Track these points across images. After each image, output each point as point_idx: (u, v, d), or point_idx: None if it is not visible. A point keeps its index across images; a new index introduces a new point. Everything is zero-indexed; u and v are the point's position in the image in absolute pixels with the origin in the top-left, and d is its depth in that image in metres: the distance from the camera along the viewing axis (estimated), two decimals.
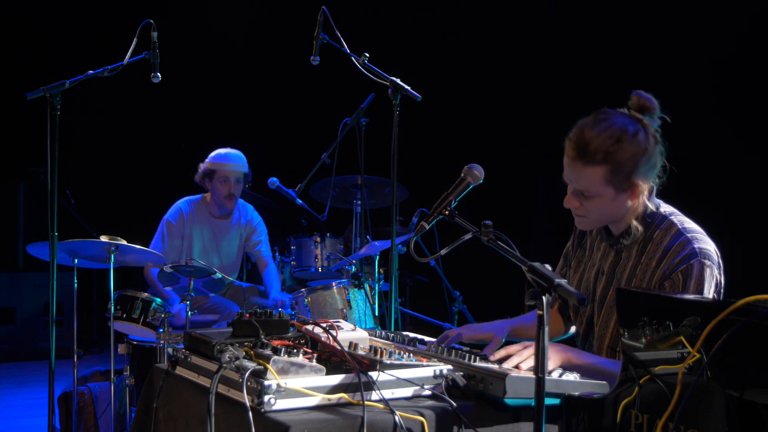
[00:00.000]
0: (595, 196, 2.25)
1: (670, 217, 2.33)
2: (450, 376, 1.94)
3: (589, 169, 2.21)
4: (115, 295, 3.91)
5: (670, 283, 2.22)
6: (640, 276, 2.31)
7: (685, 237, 2.26)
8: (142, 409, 2.36)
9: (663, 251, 2.27)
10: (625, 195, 2.26)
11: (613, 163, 2.19)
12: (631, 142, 2.20)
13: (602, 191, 2.23)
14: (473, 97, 6.75)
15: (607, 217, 2.33)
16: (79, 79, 3.43)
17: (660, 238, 2.30)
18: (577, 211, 2.32)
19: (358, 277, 4.44)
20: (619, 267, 2.39)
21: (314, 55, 3.68)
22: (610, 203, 2.26)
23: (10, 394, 5.83)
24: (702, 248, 2.24)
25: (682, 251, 2.23)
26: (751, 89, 4.96)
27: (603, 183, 2.22)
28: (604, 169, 2.20)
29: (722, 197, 4.97)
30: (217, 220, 4.95)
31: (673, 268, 2.22)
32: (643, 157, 2.22)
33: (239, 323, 2.07)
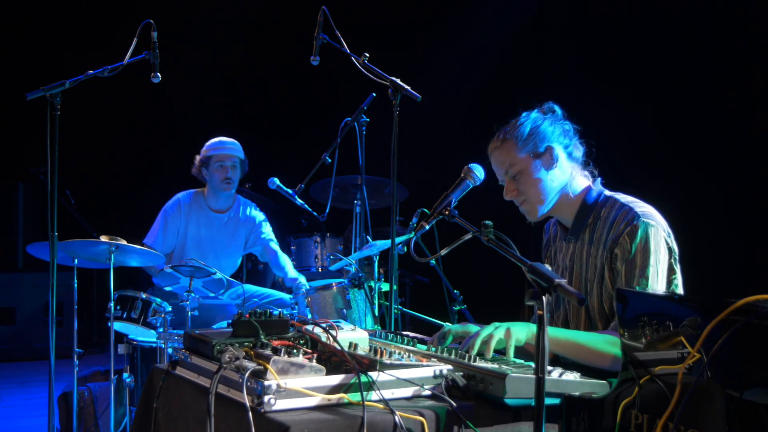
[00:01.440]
0: (519, 170, 2.45)
1: (613, 196, 2.48)
2: (450, 376, 1.94)
3: (502, 148, 2.49)
4: (115, 295, 3.91)
5: (620, 249, 2.35)
6: (594, 254, 2.43)
7: (627, 206, 2.41)
8: (142, 409, 2.36)
9: (609, 224, 2.41)
10: (544, 160, 2.45)
11: (516, 136, 2.46)
12: (527, 117, 2.50)
13: (521, 161, 2.44)
14: (473, 97, 6.75)
15: (543, 191, 2.47)
16: (79, 79, 3.43)
17: (606, 215, 2.44)
18: (518, 198, 2.50)
19: (358, 277, 4.44)
20: (576, 255, 2.50)
21: (314, 55, 3.69)
22: (535, 172, 2.45)
23: (10, 394, 5.83)
24: (644, 211, 2.38)
25: (625, 217, 2.37)
26: (752, 89, 4.95)
27: (516, 151, 2.45)
28: (512, 141, 2.47)
29: (722, 198, 4.96)
30: (213, 213, 4.96)
31: (619, 234, 2.35)
32: (542, 124, 2.47)
33: (239, 323, 2.07)
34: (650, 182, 4.62)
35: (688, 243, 2.72)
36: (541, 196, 2.47)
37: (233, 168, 4.87)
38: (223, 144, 4.91)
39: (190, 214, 4.90)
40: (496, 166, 2.53)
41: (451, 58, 6.94)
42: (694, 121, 5.12)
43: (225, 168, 4.84)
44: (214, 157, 4.86)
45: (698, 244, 4.30)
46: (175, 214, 4.88)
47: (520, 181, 2.47)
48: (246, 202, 5.13)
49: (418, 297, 6.24)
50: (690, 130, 5.12)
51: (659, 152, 5.30)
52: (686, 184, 5.04)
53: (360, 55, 3.53)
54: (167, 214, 4.89)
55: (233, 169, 4.87)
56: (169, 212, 4.89)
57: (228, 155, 4.86)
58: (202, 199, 4.97)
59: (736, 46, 5.01)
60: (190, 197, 4.96)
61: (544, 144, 2.45)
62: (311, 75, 4.98)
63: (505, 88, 6.57)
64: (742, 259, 4.88)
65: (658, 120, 5.33)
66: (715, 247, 4.92)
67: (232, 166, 4.86)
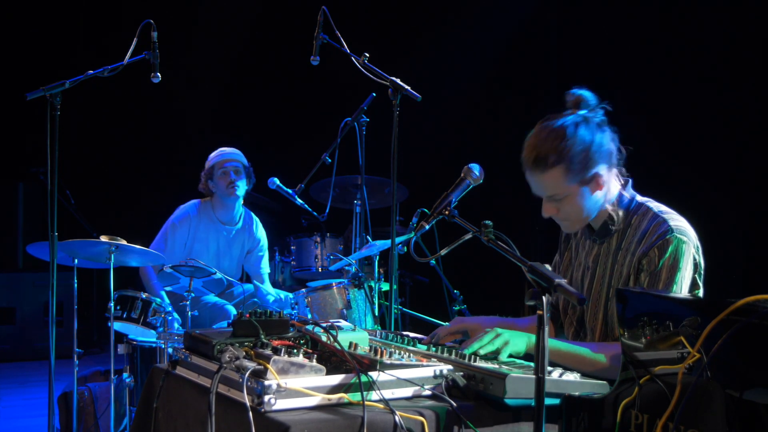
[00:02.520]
0: (565, 197, 2.32)
1: (646, 203, 2.40)
2: (450, 376, 1.94)
3: (548, 174, 2.28)
4: (115, 295, 3.91)
5: (647, 260, 2.28)
6: (621, 261, 2.37)
7: (661, 217, 2.33)
8: (142, 409, 2.36)
9: (641, 234, 2.34)
10: (592, 186, 2.33)
11: (565, 161, 2.26)
12: (575, 136, 2.27)
13: (568, 189, 2.30)
14: (473, 97, 6.75)
15: (585, 212, 2.38)
16: (79, 79, 3.43)
17: (638, 223, 2.37)
18: (557, 216, 2.39)
19: (358, 277, 4.44)
20: (601, 258, 2.44)
21: (314, 55, 3.68)
22: (581, 198, 2.33)
23: (10, 394, 5.83)
24: (678, 226, 2.30)
25: (658, 230, 2.30)
26: (752, 89, 4.95)
27: (565, 181, 2.29)
28: (560, 168, 2.27)
29: (723, 198, 4.97)
30: (221, 225, 4.95)
31: (650, 246, 2.28)
32: (591, 146, 2.28)
33: (239, 323, 2.07)
34: (650, 182, 4.61)
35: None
36: (582, 213, 2.37)
37: (236, 172, 4.85)
38: (222, 152, 4.91)
39: (199, 225, 4.88)
40: (535, 186, 2.35)
41: (452, 58, 6.94)
42: (695, 120, 5.12)
43: (227, 172, 4.82)
44: (216, 165, 4.85)
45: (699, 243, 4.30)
46: (183, 225, 4.84)
47: (564, 203, 2.34)
48: (251, 216, 5.12)
49: (418, 297, 6.24)
50: (690, 130, 5.13)
51: (659, 151, 5.30)
52: (686, 183, 5.04)
53: (360, 55, 3.53)
54: (175, 226, 4.84)
55: (237, 173, 4.85)
56: (177, 224, 4.84)
57: (228, 159, 4.85)
58: (210, 210, 4.94)
59: (738, 45, 5.01)
60: (197, 208, 4.93)
61: (593, 170, 2.30)
62: (311, 75, 4.98)
63: (505, 88, 6.57)
64: (742, 259, 4.89)
65: (658, 119, 5.33)
66: (715, 246, 4.92)
67: (235, 170, 4.84)
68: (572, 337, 2.53)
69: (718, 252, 4.86)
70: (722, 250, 4.92)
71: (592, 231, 2.46)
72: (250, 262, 5.08)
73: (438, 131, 6.85)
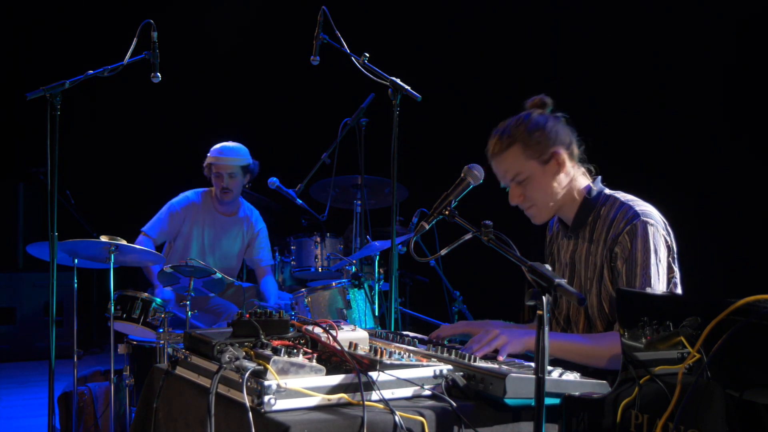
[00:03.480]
0: (527, 177, 2.43)
1: (614, 195, 2.49)
2: (450, 376, 1.94)
3: (507, 153, 2.44)
4: (115, 295, 3.90)
5: (619, 248, 2.35)
6: (594, 252, 2.44)
7: (627, 204, 2.41)
8: (142, 409, 2.36)
9: (609, 222, 2.41)
10: (552, 167, 2.43)
11: (522, 139, 2.42)
12: (529, 119, 2.45)
13: (528, 167, 2.42)
14: (473, 97, 6.75)
15: (550, 197, 2.47)
16: (79, 79, 3.43)
17: (606, 213, 2.45)
18: (524, 203, 2.49)
19: (358, 277, 4.44)
20: (577, 253, 2.51)
21: (314, 55, 3.68)
22: (543, 180, 2.44)
23: (10, 394, 5.83)
24: (643, 210, 2.39)
25: (625, 215, 2.38)
26: (752, 89, 4.96)
27: (524, 158, 2.42)
28: (518, 146, 2.42)
29: (723, 198, 4.97)
30: (220, 216, 4.95)
31: (619, 232, 2.36)
32: (545, 127, 2.44)
33: (239, 323, 2.07)
34: (650, 181, 4.62)
35: (688, 243, 2.72)
36: (549, 201, 2.46)
37: (231, 177, 4.82)
38: (222, 153, 4.87)
39: (198, 214, 4.89)
40: (499, 172, 2.49)
41: (452, 58, 6.94)
42: (695, 120, 5.12)
43: (221, 177, 4.82)
44: (213, 166, 4.85)
45: (698, 244, 4.31)
46: (181, 211, 4.84)
47: (528, 187, 2.45)
48: (250, 209, 5.11)
49: (418, 297, 6.24)
50: (690, 131, 5.13)
51: (659, 151, 5.30)
52: (687, 184, 5.04)
53: (360, 55, 3.53)
54: (173, 210, 4.85)
55: (231, 178, 4.83)
56: (176, 208, 4.85)
57: (225, 166, 4.81)
58: (210, 201, 4.96)
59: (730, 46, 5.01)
60: (201, 197, 4.94)
61: (550, 149, 2.42)
62: (311, 75, 4.97)
63: (505, 87, 6.57)
64: (742, 259, 4.88)
65: (658, 119, 5.34)
66: (714, 247, 4.93)
67: (230, 175, 4.82)
68: None
69: (718, 252, 4.87)
70: (722, 249, 4.93)
71: (566, 228, 2.55)
72: (252, 254, 5.07)
73: (438, 131, 6.85)
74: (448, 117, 6.77)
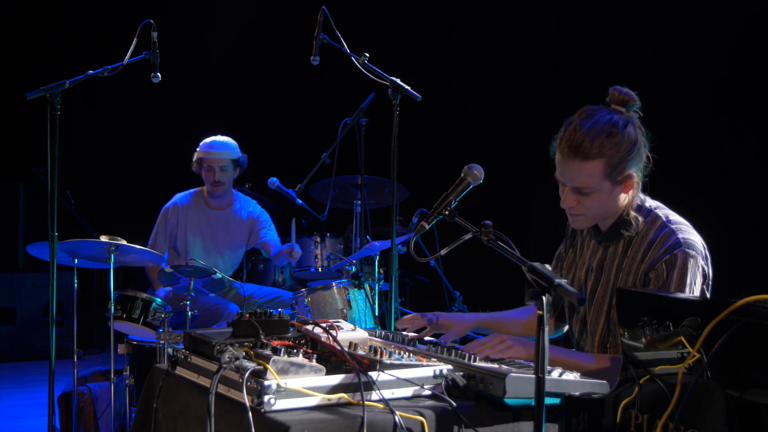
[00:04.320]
0: (593, 192, 2.27)
1: (655, 210, 2.36)
2: (450, 376, 1.94)
3: (587, 165, 2.23)
4: (115, 295, 3.91)
5: (654, 274, 2.25)
6: (626, 269, 2.34)
7: (670, 228, 2.29)
8: (142, 409, 2.36)
9: (648, 243, 2.30)
10: (620, 188, 2.29)
11: (608, 156, 2.23)
12: (623, 134, 2.24)
13: (600, 185, 2.26)
14: (473, 97, 6.75)
15: (603, 212, 2.34)
16: (79, 79, 3.43)
17: (645, 231, 2.33)
18: (574, 210, 2.34)
19: (358, 277, 4.44)
20: (606, 263, 2.41)
21: (314, 55, 3.68)
22: (607, 198, 2.29)
23: (10, 394, 5.83)
24: (686, 239, 2.27)
25: (666, 242, 2.26)
26: (753, 88, 4.95)
27: (601, 177, 2.25)
28: (601, 162, 2.23)
29: (722, 197, 4.96)
30: (214, 211, 4.96)
31: (657, 259, 2.25)
32: (635, 147, 2.26)
33: (239, 323, 2.07)
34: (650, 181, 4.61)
35: None
36: (601, 213, 2.34)
37: (222, 171, 4.84)
38: (212, 147, 4.87)
39: (188, 215, 4.90)
40: (566, 172, 2.29)
41: (452, 58, 6.94)
42: (695, 119, 5.12)
43: (213, 171, 4.83)
44: (204, 160, 4.86)
45: None
46: (170, 215, 4.89)
47: (589, 198, 2.28)
48: (245, 199, 5.12)
49: (418, 297, 6.24)
50: (691, 129, 5.13)
51: (658, 151, 5.30)
52: (687, 184, 5.04)
53: (360, 55, 3.53)
54: (163, 214, 4.92)
55: (222, 171, 4.84)
56: (164, 214, 4.91)
57: (216, 159, 4.83)
58: (201, 199, 4.97)
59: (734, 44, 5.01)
60: (189, 198, 4.96)
61: (628, 171, 2.26)
62: (311, 75, 4.97)
63: (505, 87, 6.57)
64: (742, 259, 4.88)
65: (658, 118, 5.33)
66: (714, 247, 4.92)
67: (221, 168, 4.83)
68: (579, 335, 2.52)
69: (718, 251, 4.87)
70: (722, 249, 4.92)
71: (598, 232, 2.43)
72: (257, 238, 5.05)
73: (438, 131, 6.85)
74: (448, 117, 6.77)
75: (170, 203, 4.95)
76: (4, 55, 7.53)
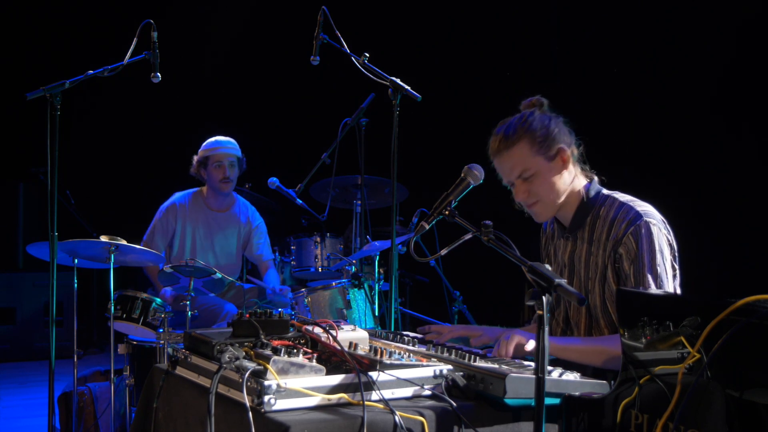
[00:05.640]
0: (534, 173, 2.42)
1: (612, 195, 2.49)
2: (450, 376, 1.94)
3: (514, 149, 2.42)
4: (115, 295, 3.91)
5: (624, 249, 2.36)
6: (594, 253, 2.44)
7: (627, 205, 2.42)
8: (142, 409, 2.36)
9: (609, 223, 2.42)
10: (557, 163, 2.43)
11: (528, 134, 2.41)
12: (533, 117, 2.45)
13: (535, 163, 2.41)
14: (473, 97, 6.75)
15: (555, 193, 2.47)
16: (79, 79, 3.43)
17: (605, 214, 2.45)
18: (528, 200, 2.48)
19: (358, 277, 4.44)
20: (576, 254, 2.51)
21: (314, 55, 3.68)
22: (550, 176, 2.44)
23: (10, 394, 5.83)
24: (644, 210, 2.40)
25: (626, 216, 2.39)
26: (753, 88, 4.96)
27: (531, 154, 2.41)
28: (525, 142, 2.41)
29: (722, 197, 4.97)
30: (213, 213, 4.94)
31: (622, 234, 2.37)
32: (550, 124, 2.44)
33: (239, 323, 2.07)
34: (650, 181, 4.62)
35: (687, 243, 2.72)
36: (554, 197, 2.46)
37: (231, 167, 4.84)
38: (219, 143, 4.88)
39: (187, 215, 4.88)
40: (504, 169, 2.47)
41: (452, 58, 6.94)
42: (693, 119, 5.12)
43: (223, 167, 4.82)
44: (212, 157, 4.84)
45: (698, 243, 4.31)
46: (168, 215, 4.86)
47: (534, 183, 2.43)
48: (245, 204, 5.11)
49: (418, 297, 6.24)
50: (691, 129, 5.13)
51: (658, 150, 5.30)
52: (687, 184, 5.04)
53: (360, 55, 3.53)
54: (159, 215, 4.88)
55: (231, 167, 4.84)
56: (162, 213, 4.88)
57: (225, 154, 4.83)
58: (201, 199, 4.96)
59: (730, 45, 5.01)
60: (188, 198, 4.94)
61: (556, 145, 2.42)
62: (311, 75, 4.97)
63: (505, 87, 6.57)
64: (742, 259, 4.88)
65: (657, 118, 5.34)
66: (714, 247, 4.93)
67: (230, 165, 4.84)
68: (561, 335, 2.55)
69: (717, 252, 4.87)
70: (722, 250, 4.93)
71: (563, 229, 2.55)
72: (251, 250, 5.06)
73: (438, 131, 6.85)
74: (448, 117, 6.77)
75: (168, 203, 4.93)
76: (4, 55, 7.54)
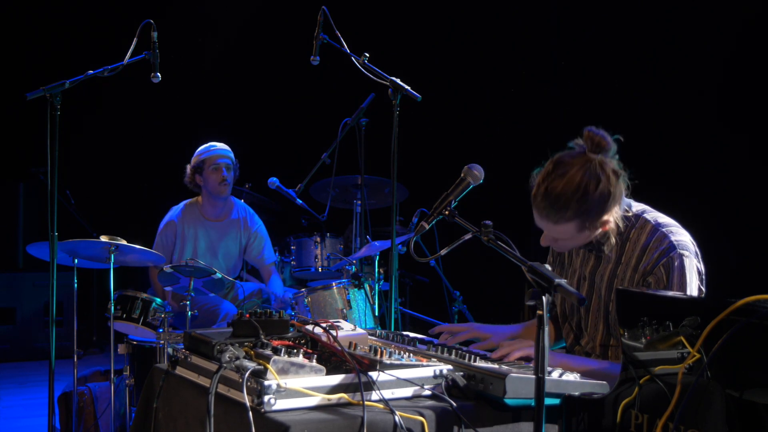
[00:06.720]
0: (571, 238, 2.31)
1: (643, 215, 2.38)
2: (450, 376, 1.94)
3: (561, 226, 2.25)
4: (115, 295, 3.91)
5: (654, 279, 2.28)
6: (621, 276, 2.36)
7: (661, 232, 2.31)
8: (142, 409, 2.36)
9: (641, 249, 2.32)
10: (598, 229, 2.31)
11: (581, 216, 2.23)
12: (596, 192, 2.21)
13: (576, 236, 2.29)
14: (473, 97, 6.75)
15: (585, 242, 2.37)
16: (79, 79, 3.43)
17: (636, 237, 2.34)
18: (554, 245, 2.40)
19: (358, 277, 4.44)
20: (599, 271, 2.43)
21: (314, 55, 3.68)
22: (586, 239, 2.33)
23: (10, 394, 5.83)
24: (679, 240, 2.30)
25: (659, 246, 2.29)
26: (753, 88, 4.96)
27: (575, 232, 2.27)
28: (575, 222, 2.24)
29: (722, 198, 4.97)
30: (211, 222, 4.91)
31: (653, 264, 2.28)
32: (609, 200, 2.25)
33: (239, 323, 2.07)
34: (650, 181, 4.61)
35: None
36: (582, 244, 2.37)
37: (228, 169, 4.81)
38: (214, 146, 4.85)
39: (183, 228, 4.84)
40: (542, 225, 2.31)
41: (452, 58, 6.94)
42: (694, 119, 5.12)
43: (219, 169, 4.78)
44: (207, 161, 4.79)
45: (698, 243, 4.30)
46: (167, 230, 4.84)
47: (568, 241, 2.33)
48: (244, 207, 5.09)
49: (418, 297, 6.24)
50: (691, 129, 5.13)
51: (658, 151, 5.30)
52: (687, 184, 5.04)
53: (360, 55, 3.53)
54: (158, 230, 4.87)
55: (228, 169, 4.82)
56: (160, 230, 4.87)
57: (221, 155, 4.81)
58: (196, 209, 4.90)
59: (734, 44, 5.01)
60: (182, 210, 4.89)
61: (604, 218, 2.27)
62: (311, 75, 4.97)
63: (505, 87, 6.57)
64: (742, 259, 4.88)
65: (658, 118, 5.34)
66: (714, 246, 4.92)
67: (227, 167, 4.81)
68: (572, 342, 2.54)
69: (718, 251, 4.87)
70: (721, 250, 4.93)
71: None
72: (252, 255, 5.05)
73: (438, 131, 6.85)
74: (448, 117, 6.77)
75: (166, 219, 4.89)
76: (4, 55, 7.53)
